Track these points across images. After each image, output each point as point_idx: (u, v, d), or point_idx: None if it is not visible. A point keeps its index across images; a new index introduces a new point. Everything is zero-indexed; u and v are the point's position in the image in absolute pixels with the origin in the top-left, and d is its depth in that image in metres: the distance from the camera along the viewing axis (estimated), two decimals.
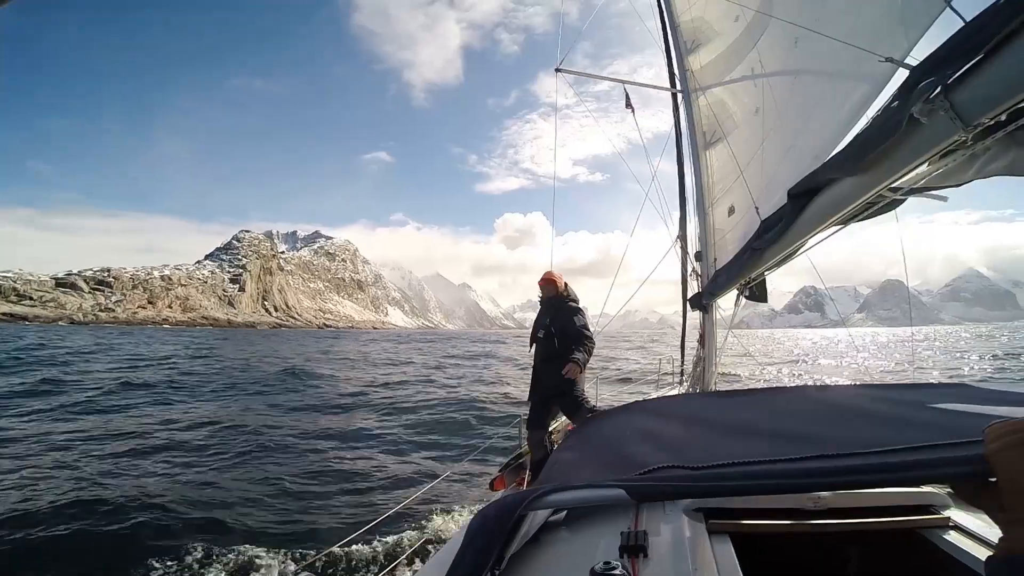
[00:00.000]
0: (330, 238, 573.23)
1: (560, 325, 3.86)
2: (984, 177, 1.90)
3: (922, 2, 2.22)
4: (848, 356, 34.70)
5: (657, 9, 5.10)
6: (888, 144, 1.89)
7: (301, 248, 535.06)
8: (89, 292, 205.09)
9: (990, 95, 1.53)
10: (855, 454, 0.93)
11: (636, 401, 3.47)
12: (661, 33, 5.21)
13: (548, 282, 4.03)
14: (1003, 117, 1.58)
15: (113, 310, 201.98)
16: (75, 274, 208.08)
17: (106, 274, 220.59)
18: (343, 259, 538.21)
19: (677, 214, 5.17)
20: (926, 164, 1.98)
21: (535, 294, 4.16)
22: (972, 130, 1.61)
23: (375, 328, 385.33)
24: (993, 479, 0.58)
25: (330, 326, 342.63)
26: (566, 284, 4.07)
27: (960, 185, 2.11)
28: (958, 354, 32.08)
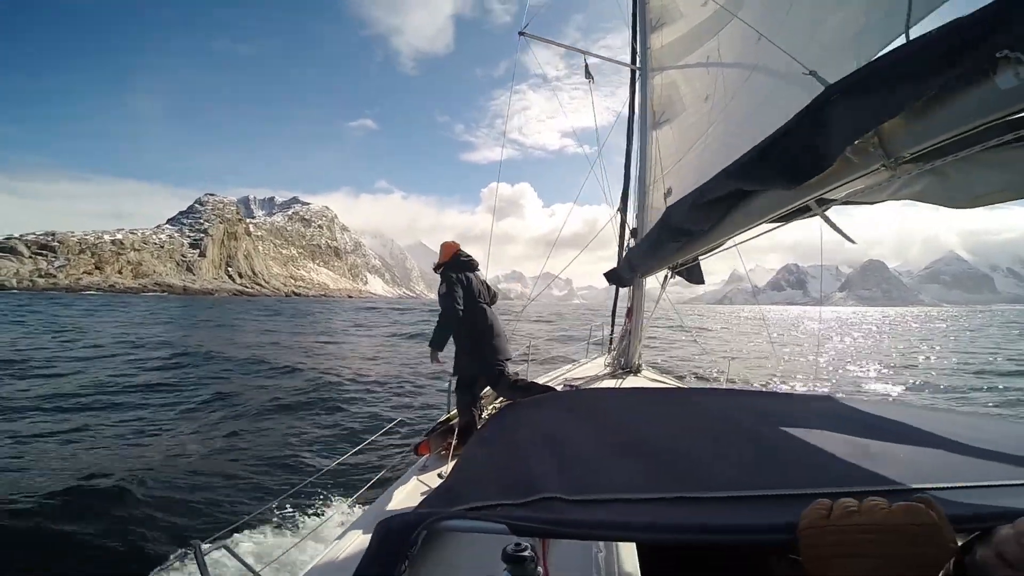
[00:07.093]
0: (307, 204, 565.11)
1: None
2: (898, 199, 2.13)
3: (880, 24, 2.16)
4: None
5: None
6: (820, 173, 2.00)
7: (276, 213, 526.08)
8: (29, 257, 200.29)
9: (921, 135, 1.63)
10: (708, 499, 1.04)
11: (554, 393, 3.60)
12: (631, 8, 5.47)
13: (441, 251, 4.11)
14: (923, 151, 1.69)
15: (54, 276, 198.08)
16: (15, 238, 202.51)
17: (50, 238, 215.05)
18: (319, 225, 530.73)
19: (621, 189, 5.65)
20: (847, 184, 2.16)
21: (519, 265, 4.09)
22: (894, 163, 1.77)
23: (350, 297, 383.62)
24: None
25: (300, 294, 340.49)
26: (455, 253, 4.02)
27: (876, 203, 2.36)
28: None
